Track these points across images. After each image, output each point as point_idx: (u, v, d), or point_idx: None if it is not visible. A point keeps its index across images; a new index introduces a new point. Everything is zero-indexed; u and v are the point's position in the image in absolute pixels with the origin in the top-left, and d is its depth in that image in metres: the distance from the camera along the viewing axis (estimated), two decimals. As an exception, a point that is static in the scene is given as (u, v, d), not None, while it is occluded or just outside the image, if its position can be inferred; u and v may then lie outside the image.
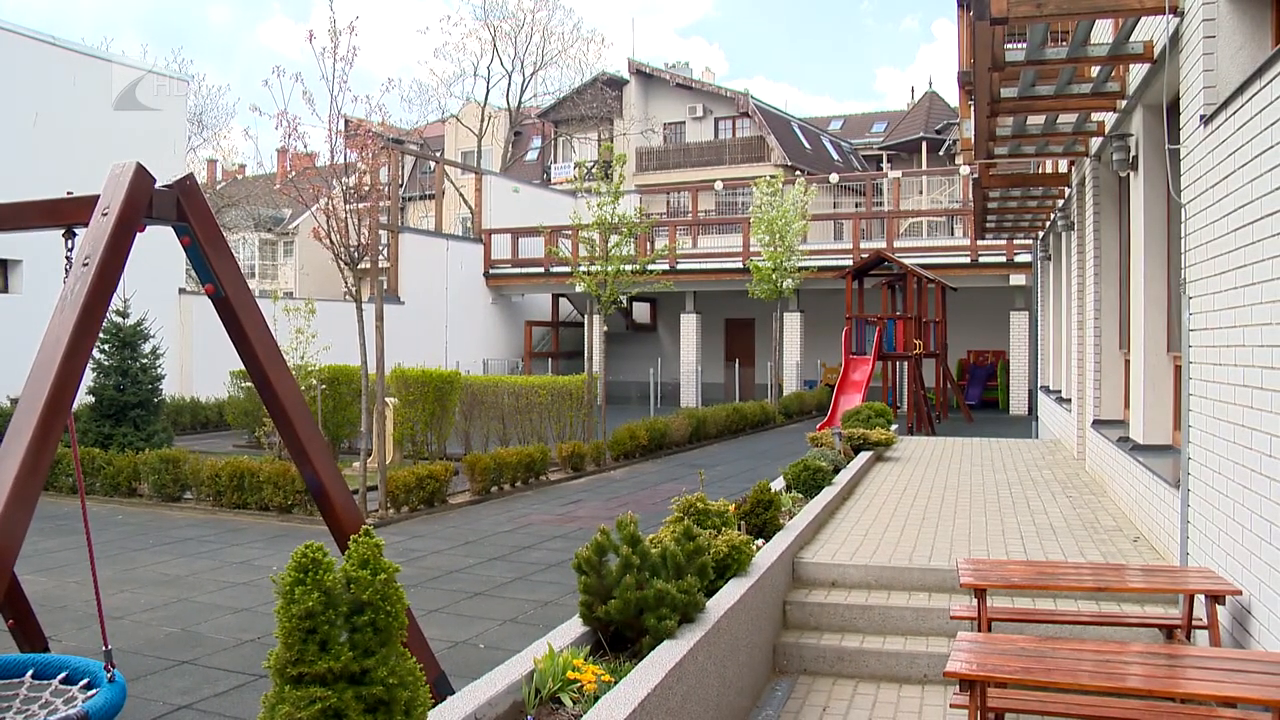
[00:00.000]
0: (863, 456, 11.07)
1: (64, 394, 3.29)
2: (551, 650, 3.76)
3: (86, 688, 3.54)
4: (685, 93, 42.56)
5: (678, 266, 27.65)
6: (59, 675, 3.59)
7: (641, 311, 34.00)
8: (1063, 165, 12.13)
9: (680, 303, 29.37)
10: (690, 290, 28.66)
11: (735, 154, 40.12)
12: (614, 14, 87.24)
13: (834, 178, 33.59)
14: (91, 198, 3.67)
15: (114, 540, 10.09)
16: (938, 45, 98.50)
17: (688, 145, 41.98)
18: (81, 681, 3.57)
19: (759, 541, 6.07)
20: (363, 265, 11.16)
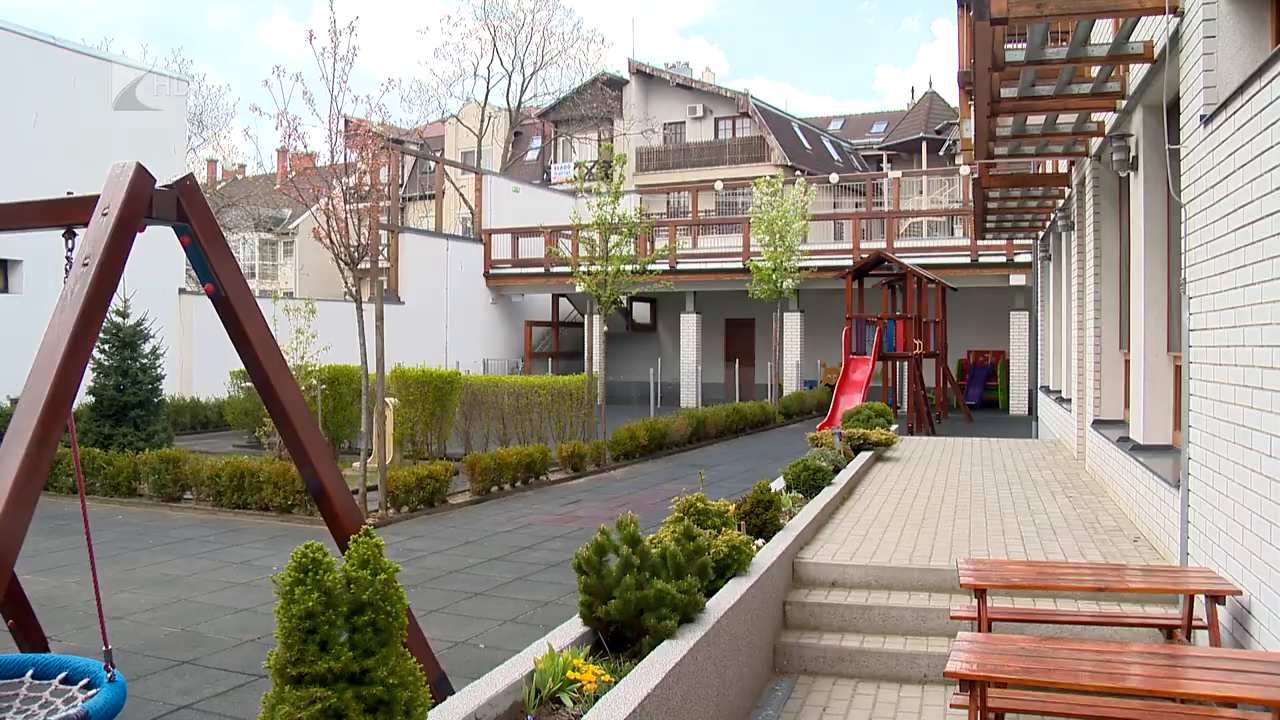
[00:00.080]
0: (863, 456, 11.07)
1: (64, 394, 3.29)
2: (551, 650, 3.76)
3: (86, 688, 3.53)
4: (685, 93, 42.56)
5: (678, 266, 27.66)
6: (59, 675, 3.58)
7: (641, 311, 34.00)
8: (1063, 165, 12.13)
9: (680, 303, 29.38)
10: (690, 290, 28.66)
11: (735, 154, 40.12)
12: (614, 14, 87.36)
13: (834, 178, 33.60)
14: (91, 198, 3.67)
15: (114, 540, 10.10)
16: (938, 45, 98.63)
17: (688, 145, 41.99)
18: (81, 681, 3.56)
19: (759, 541, 6.08)
20: (363, 265, 11.16)
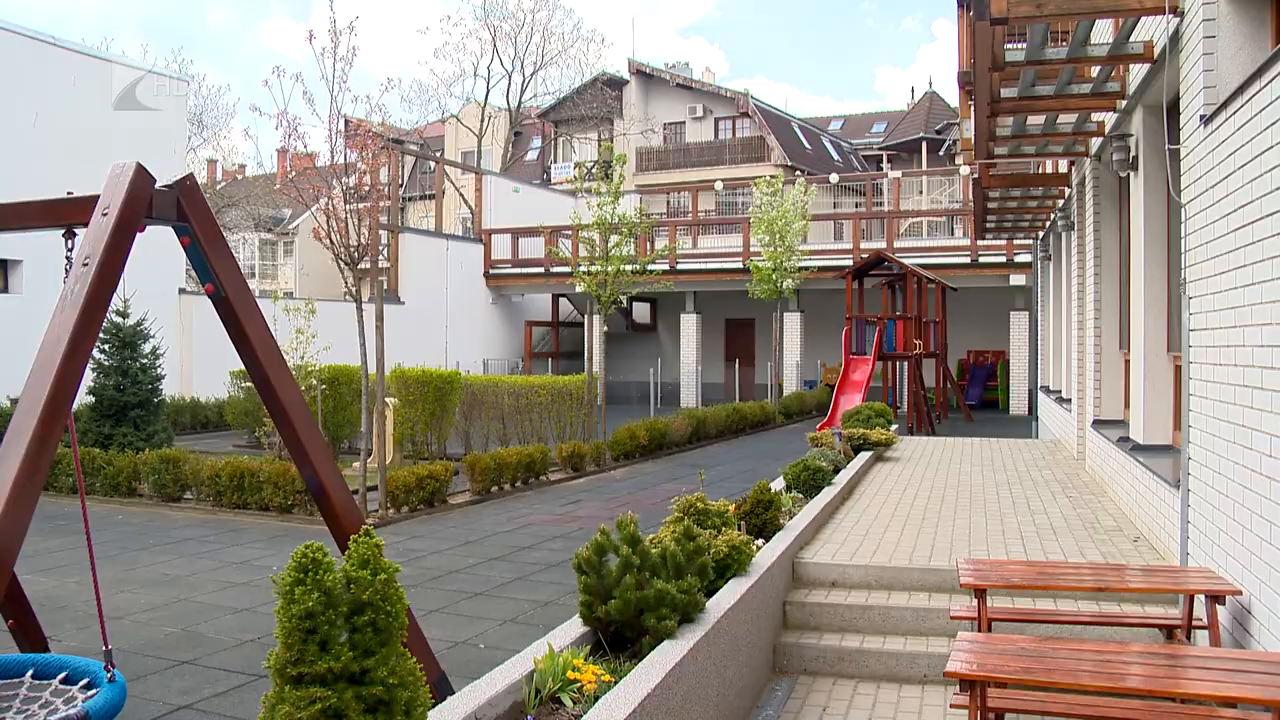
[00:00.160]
0: (863, 456, 11.07)
1: (64, 394, 3.29)
2: (551, 650, 3.76)
3: (86, 688, 3.53)
4: (685, 93, 42.56)
5: (678, 266, 27.66)
6: (59, 675, 3.58)
7: (641, 311, 34.00)
8: (1063, 165, 12.13)
9: (680, 303, 29.37)
10: (690, 290, 28.66)
11: (735, 154, 40.12)
12: (614, 14, 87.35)
13: (834, 178, 33.60)
14: (91, 198, 3.67)
15: (114, 540, 10.10)
16: (938, 45, 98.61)
17: (688, 145, 41.98)
18: (81, 681, 3.56)
19: (759, 541, 6.07)
20: (363, 265, 11.16)
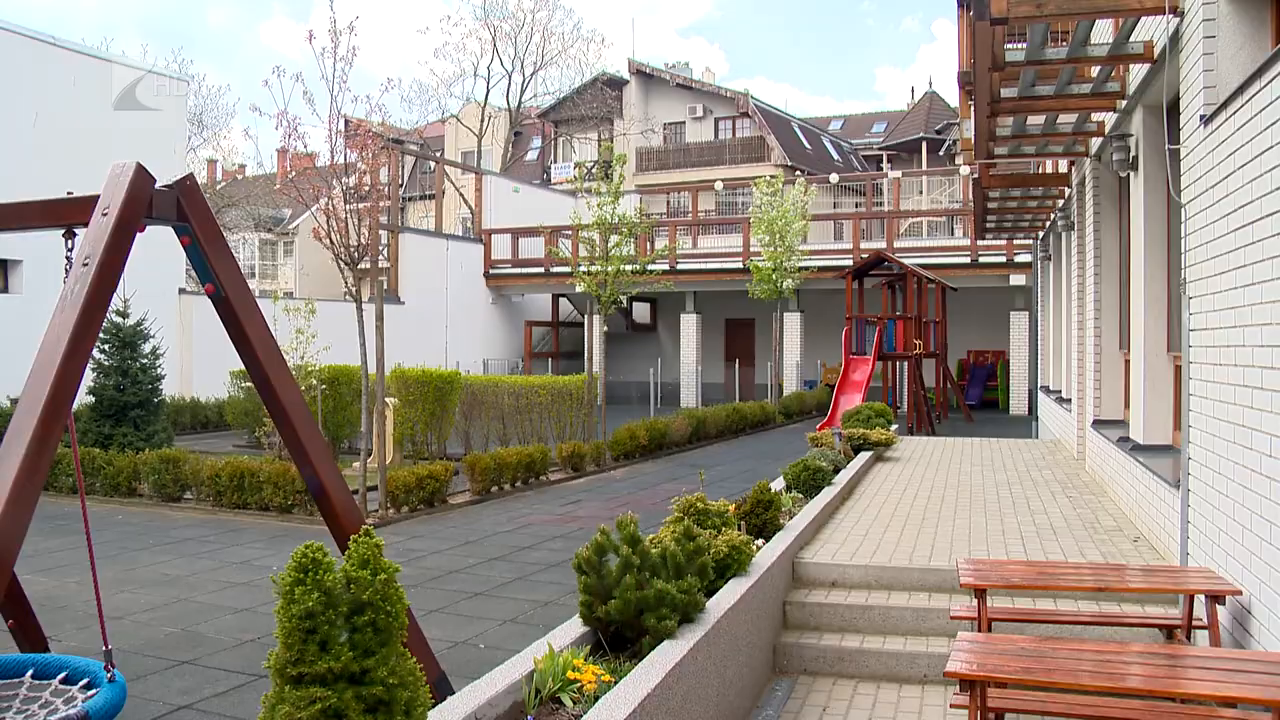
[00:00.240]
0: (863, 456, 11.07)
1: (64, 394, 3.28)
2: (551, 650, 3.76)
3: (86, 688, 3.53)
4: (685, 93, 42.56)
5: (678, 266, 27.66)
6: (59, 675, 3.58)
7: (641, 311, 34.00)
8: (1063, 165, 12.13)
9: (680, 303, 29.37)
10: (690, 290, 28.66)
11: (735, 154, 40.12)
12: (614, 14, 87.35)
13: (834, 178, 33.60)
14: (91, 198, 3.67)
15: (114, 540, 10.10)
16: (938, 45, 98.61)
17: (688, 145, 41.98)
18: (81, 681, 3.56)
19: (759, 541, 6.07)
20: (363, 265, 11.16)
